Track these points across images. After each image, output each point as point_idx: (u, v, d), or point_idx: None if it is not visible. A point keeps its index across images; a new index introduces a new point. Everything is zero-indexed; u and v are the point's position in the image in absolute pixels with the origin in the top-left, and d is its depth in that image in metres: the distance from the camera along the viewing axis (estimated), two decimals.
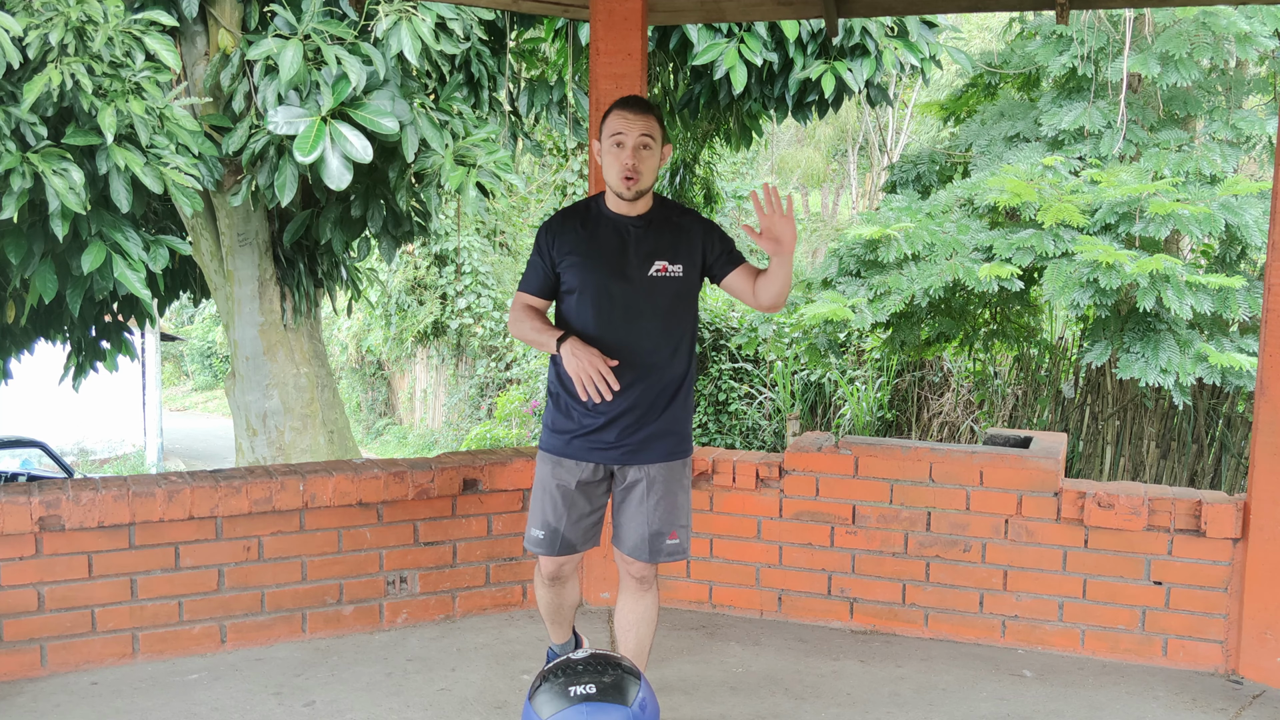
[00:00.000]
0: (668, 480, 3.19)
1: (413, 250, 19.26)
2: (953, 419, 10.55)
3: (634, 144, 3.04)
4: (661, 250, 3.13)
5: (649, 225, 3.16)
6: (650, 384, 3.13)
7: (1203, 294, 6.41)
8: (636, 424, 3.13)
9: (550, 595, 3.38)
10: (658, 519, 3.17)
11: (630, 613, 3.26)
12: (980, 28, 20.90)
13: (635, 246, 3.13)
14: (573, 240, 3.15)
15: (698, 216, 3.26)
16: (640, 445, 3.14)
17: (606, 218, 3.17)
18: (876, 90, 8.40)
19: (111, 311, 8.63)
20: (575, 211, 3.23)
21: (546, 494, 3.22)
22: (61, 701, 3.49)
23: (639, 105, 3.08)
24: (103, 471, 21.04)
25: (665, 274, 3.13)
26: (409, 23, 6.63)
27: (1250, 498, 3.80)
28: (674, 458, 3.20)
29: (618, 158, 3.05)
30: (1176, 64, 7.45)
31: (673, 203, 3.30)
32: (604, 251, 3.13)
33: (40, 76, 5.80)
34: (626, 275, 3.11)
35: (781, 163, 25.64)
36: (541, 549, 3.24)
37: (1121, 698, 3.66)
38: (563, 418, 3.19)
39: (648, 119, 3.06)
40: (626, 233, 3.15)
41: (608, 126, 3.08)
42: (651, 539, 3.17)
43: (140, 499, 3.71)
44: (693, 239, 3.18)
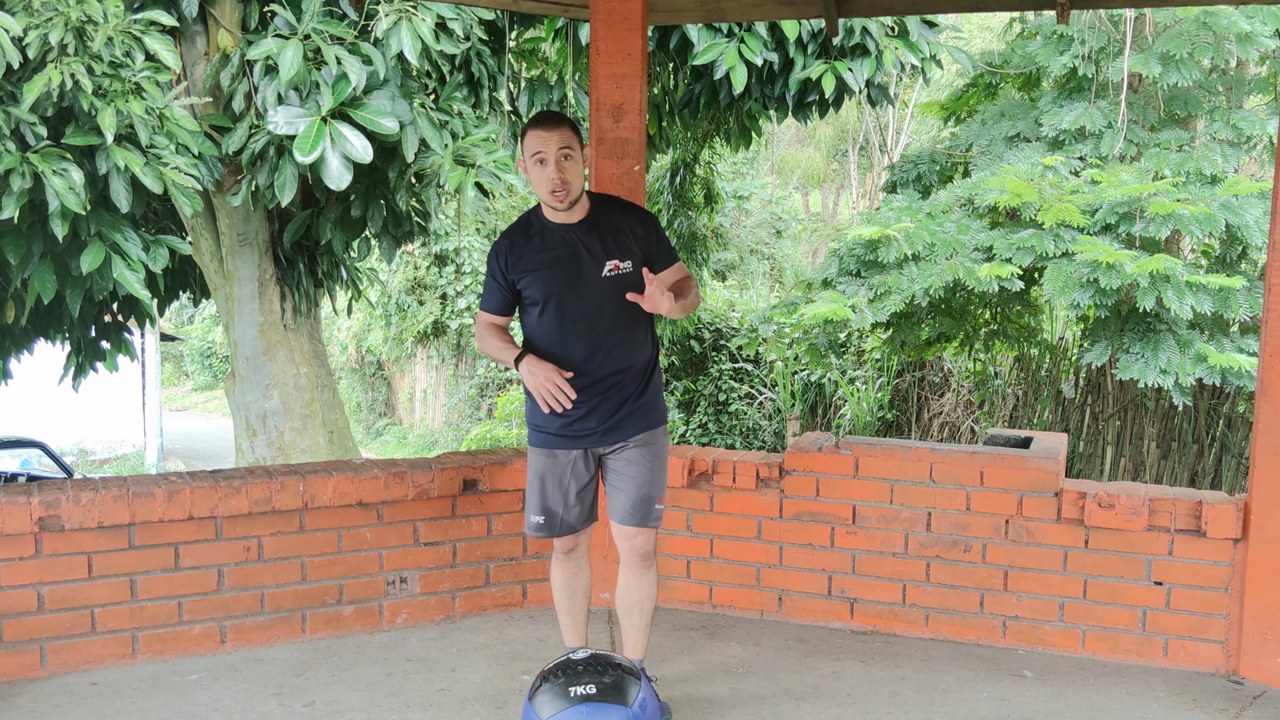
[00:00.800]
0: (651, 445, 3.40)
1: (413, 250, 19.25)
2: (953, 419, 10.55)
3: (555, 157, 3.18)
4: (611, 250, 3.30)
5: (592, 228, 3.32)
6: (622, 373, 3.34)
7: (1203, 294, 6.41)
8: (615, 409, 3.35)
9: (564, 573, 3.52)
10: (645, 482, 3.38)
11: (634, 590, 3.44)
12: (981, 27, 20.90)
13: (586, 251, 3.29)
14: (525, 257, 3.31)
15: (639, 212, 3.44)
16: (621, 422, 3.36)
17: (550, 229, 3.32)
18: (877, 90, 8.40)
19: (111, 311, 8.63)
20: (519, 228, 3.37)
21: (541, 481, 3.42)
22: (61, 702, 3.49)
23: (552, 120, 3.23)
24: (102, 472, 21.04)
25: (618, 272, 3.30)
26: (409, 22, 6.63)
27: (1251, 498, 3.79)
28: (653, 425, 3.42)
29: (543, 174, 3.20)
30: (1177, 64, 7.44)
31: (610, 199, 3.47)
32: (558, 261, 3.29)
33: (40, 76, 5.80)
34: (583, 280, 3.28)
35: (782, 163, 25.65)
36: (544, 533, 3.44)
37: (1122, 698, 3.66)
38: (544, 414, 3.34)
39: (563, 131, 3.20)
40: (574, 240, 3.30)
41: (527, 146, 3.21)
42: (642, 502, 3.37)
43: (140, 499, 3.71)
44: (636, 235, 3.34)
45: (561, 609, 3.57)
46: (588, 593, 3.58)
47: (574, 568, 3.52)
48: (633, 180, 4.32)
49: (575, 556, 3.52)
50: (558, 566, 3.53)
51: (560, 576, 3.54)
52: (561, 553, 3.50)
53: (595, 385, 3.31)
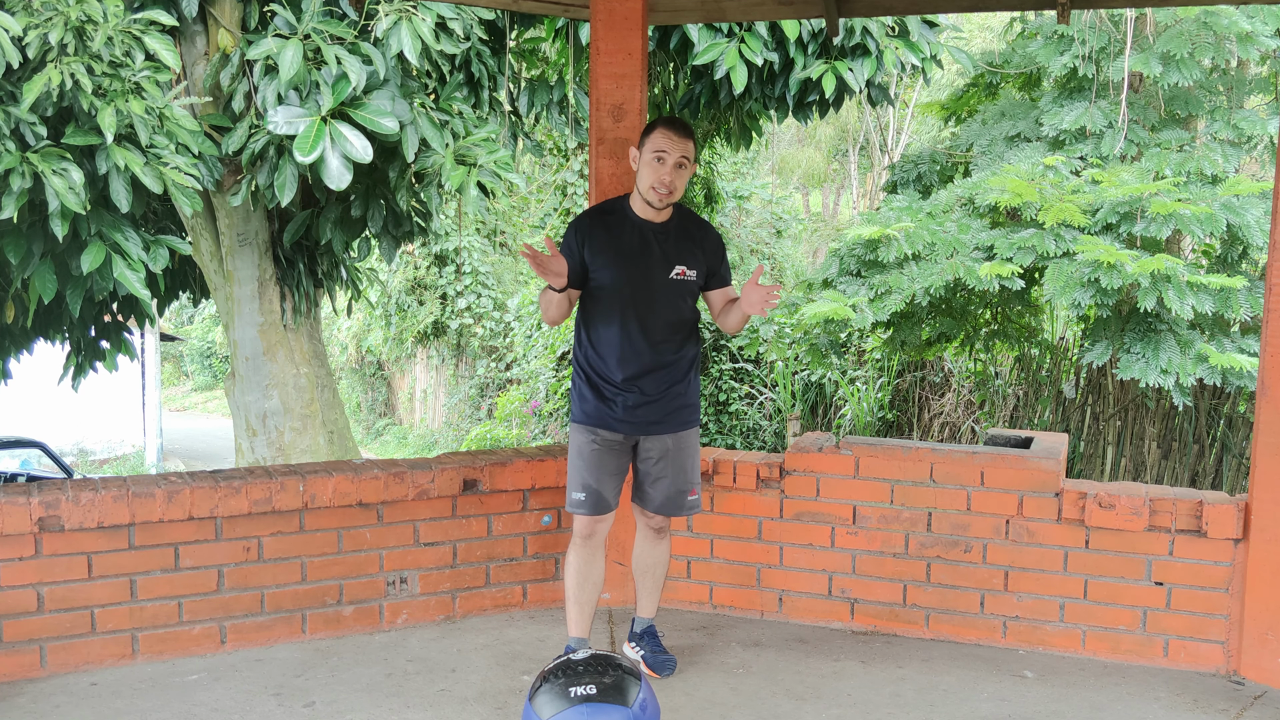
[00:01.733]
0: (685, 446, 3.69)
1: (413, 250, 19.25)
2: (954, 419, 10.55)
3: (674, 161, 3.44)
4: (681, 256, 3.57)
5: (670, 232, 3.58)
6: (667, 368, 3.61)
7: (1204, 294, 6.40)
8: (657, 402, 3.60)
9: (581, 560, 3.67)
10: (682, 479, 3.69)
11: (648, 555, 3.80)
12: (981, 27, 20.90)
13: (659, 250, 3.55)
14: (603, 240, 3.54)
15: (711, 231, 3.70)
16: (661, 418, 3.62)
17: (632, 221, 3.57)
18: (877, 90, 8.39)
19: (111, 311, 8.62)
20: (604, 212, 3.62)
21: (584, 459, 3.62)
22: (61, 702, 3.49)
23: (683, 128, 3.48)
24: (102, 472, 21.04)
25: (683, 277, 3.58)
26: (409, 22, 6.62)
27: (1251, 498, 3.79)
28: (689, 426, 3.70)
29: (656, 171, 3.45)
30: (1178, 64, 7.44)
31: (689, 212, 3.71)
32: (633, 253, 3.54)
33: (40, 76, 5.79)
34: (651, 276, 3.54)
35: (782, 163, 25.64)
36: (584, 509, 3.62)
37: (1123, 698, 3.66)
38: (593, 394, 3.60)
39: (688, 142, 3.46)
40: (651, 237, 3.56)
41: (651, 141, 3.46)
42: (675, 497, 3.70)
43: (140, 499, 3.70)
44: (705, 251, 3.63)
45: (571, 596, 3.69)
46: (599, 584, 3.72)
47: (591, 554, 3.67)
48: (633, 180, 4.31)
49: (594, 543, 3.67)
50: (575, 552, 3.68)
51: (576, 562, 3.67)
52: (581, 537, 3.65)
53: (645, 375, 3.56)
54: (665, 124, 3.48)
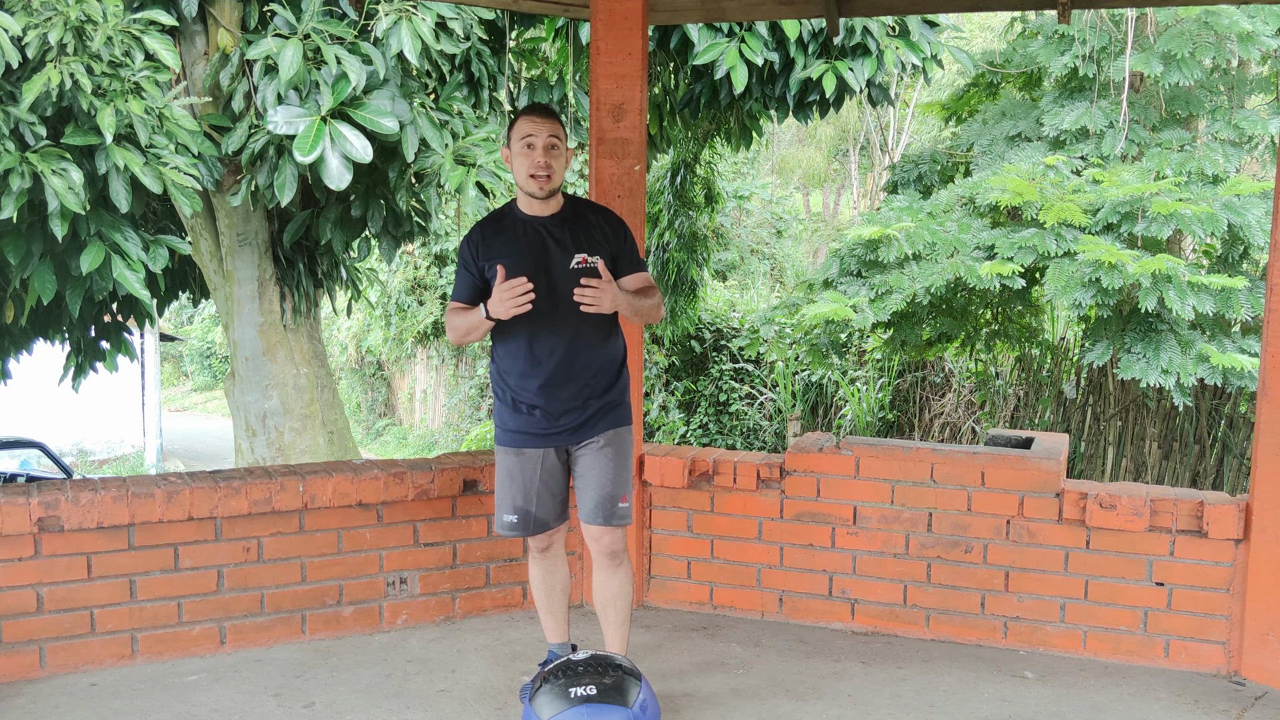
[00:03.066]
0: (616, 444, 3.42)
1: (413, 250, 19.23)
2: (954, 419, 10.55)
3: (543, 144, 3.27)
4: (579, 243, 3.35)
5: (563, 222, 3.37)
6: (591, 368, 3.37)
7: (1205, 294, 6.39)
8: (583, 405, 3.37)
9: (541, 571, 3.55)
10: (609, 481, 3.40)
11: (606, 589, 3.47)
12: (982, 27, 20.89)
13: (555, 243, 3.34)
14: (495, 245, 3.34)
15: (609, 213, 3.50)
16: (589, 420, 3.39)
17: (522, 221, 3.37)
18: (878, 90, 8.39)
19: (111, 312, 8.62)
20: (492, 219, 3.41)
21: (513, 480, 3.43)
22: (61, 703, 3.48)
23: (544, 110, 3.34)
24: (102, 472, 21.03)
25: (586, 265, 3.32)
26: (409, 22, 6.62)
27: (1252, 498, 3.78)
28: (620, 424, 3.45)
29: (528, 158, 3.27)
30: (1179, 63, 7.43)
31: (585, 200, 3.51)
32: (526, 251, 3.32)
33: (39, 76, 5.79)
34: (551, 271, 3.31)
35: (782, 163, 25.63)
36: (517, 531, 3.46)
37: (1123, 699, 3.65)
38: (511, 412, 3.40)
39: (553, 122, 3.30)
40: (545, 231, 3.35)
41: (517, 131, 3.29)
42: (605, 501, 3.39)
43: (139, 500, 3.70)
44: (605, 233, 3.40)
45: (541, 606, 3.60)
46: (566, 589, 3.61)
47: (550, 565, 3.55)
48: (633, 180, 4.31)
49: (551, 554, 3.54)
50: (534, 565, 3.56)
51: (538, 574, 3.56)
52: (537, 551, 3.53)
53: (563, 379, 3.33)
54: (524, 111, 3.33)
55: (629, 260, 3.42)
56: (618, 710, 3.00)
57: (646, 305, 3.38)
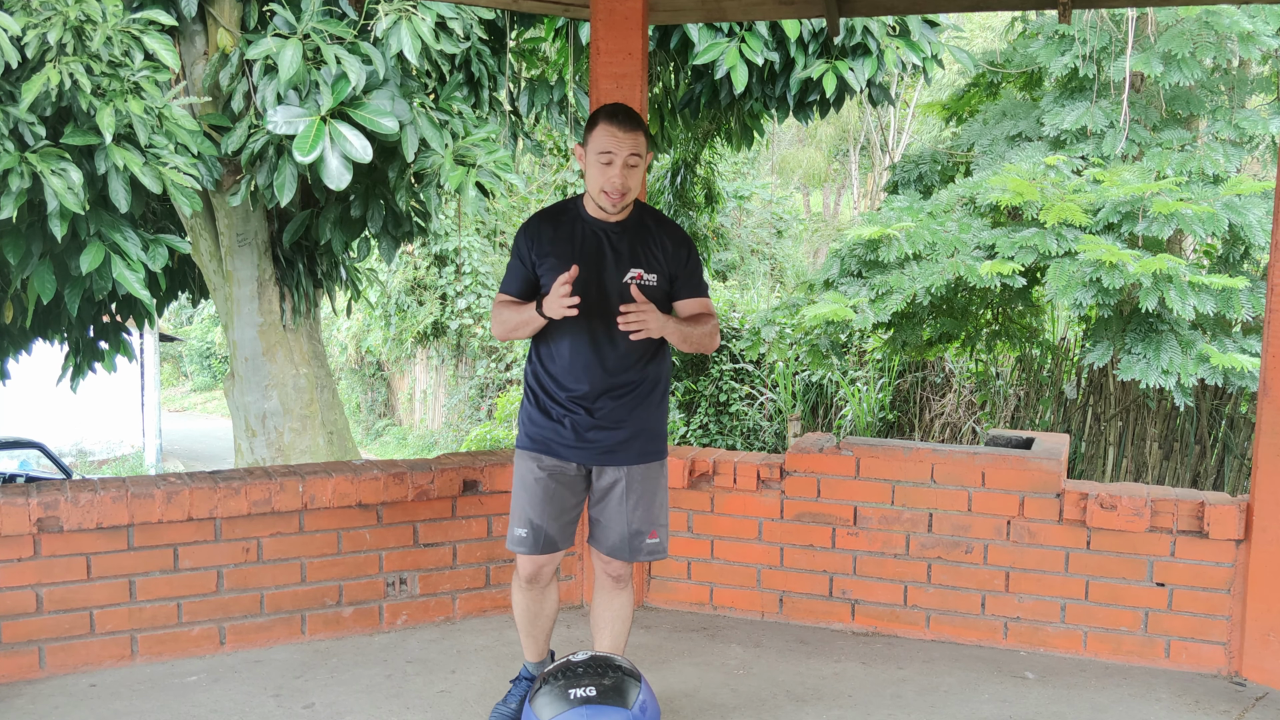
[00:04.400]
0: (645, 480, 3.22)
1: (412, 250, 19.23)
2: (954, 420, 10.54)
3: (624, 161, 3.05)
4: (638, 257, 3.15)
5: (626, 231, 3.17)
6: (627, 389, 3.17)
7: (1206, 294, 6.39)
8: (614, 424, 3.17)
9: (528, 601, 3.33)
10: (638, 519, 3.21)
11: (606, 610, 3.32)
12: (982, 27, 20.89)
13: (613, 252, 3.15)
14: (551, 242, 3.16)
15: (677, 231, 3.26)
16: (618, 445, 3.18)
17: (584, 221, 3.18)
18: (878, 90, 8.38)
19: (110, 312, 8.61)
20: (554, 213, 3.23)
21: (528, 491, 3.22)
22: (60, 703, 3.48)
23: (628, 120, 3.06)
24: (101, 473, 21.02)
25: (640, 280, 3.14)
26: (409, 22, 6.61)
27: (1253, 499, 3.78)
28: (651, 459, 3.24)
29: (604, 174, 3.05)
30: (1179, 63, 7.43)
31: (654, 212, 3.31)
32: (583, 255, 3.12)
33: (39, 76, 5.78)
34: (604, 279, 3.13)
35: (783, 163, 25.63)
36: (524, 548, 3.22)
37: (1124, 700, 3.65)
38: (541, 416, 3.21)
39: (636, 136, 3.05)
40: (605, 238, 3.16)
41: (595, 142, 3.05)
42: (631, 538, 3.22)
43: (139, 500, 3.69)
44: (667, 253, 3.19)
45: (523, 630, 3.40)
46: (552, 616, 3.40)
47: (539, 595, 3.32)
48: None
49: (538, 588, 3.30)
50: (521, 594, 3.32)
51: (524, 604, 3.34)
52: (525, 580, 3.28)
53: (600, 394, 3.15)
54: (608, 118, 3.05)
55: (688, 283, 3.21)
56: (617, 711, 3.00)
57: (698, 333, 3.15)
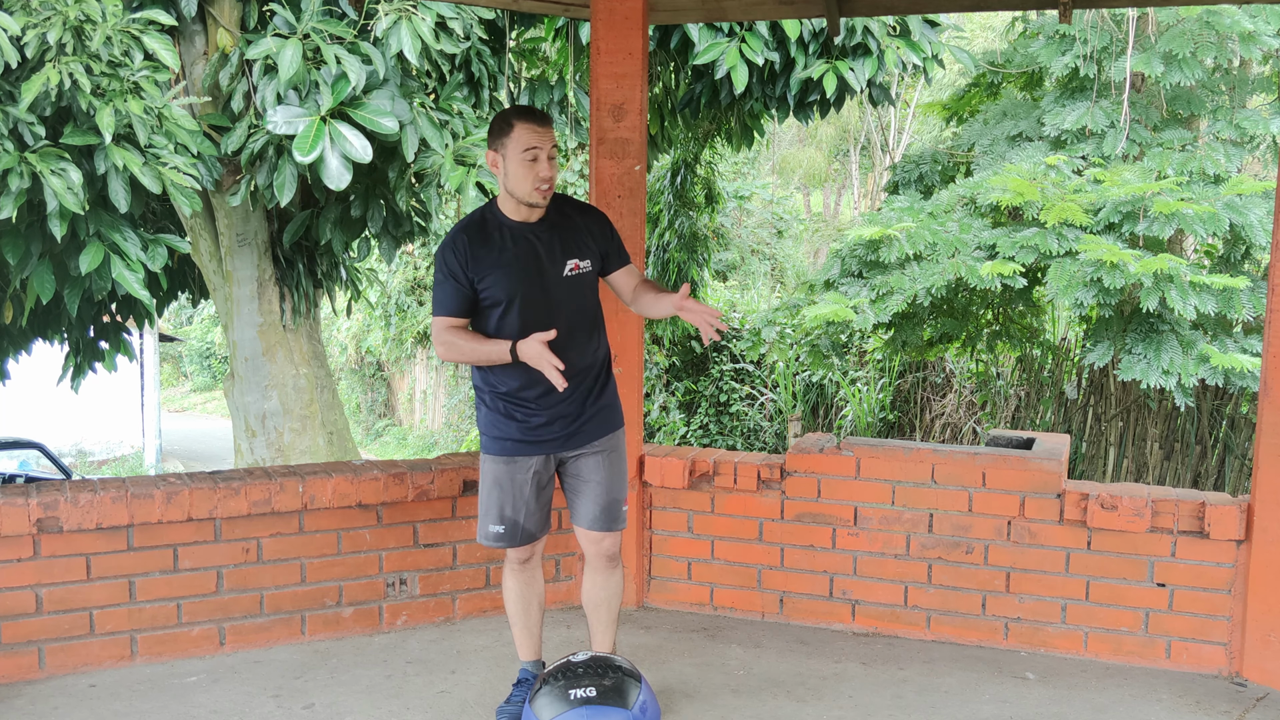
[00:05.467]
0: (614, 449, 3.40)
1: (412, 250, 19.22)
2: (955, 420, 10.54)
3: (547, 155, 3.16)
4: (570, 249, 3.26)
5: (552, 227, 3.26)
6: (584, 374, 3.31)
7: (1207, 294, 6.39)
8: (578, 412, 3.31)
9: (519, 583, 3.44)
10: (612, 486, 3.38)
11: (602, 589, 3.45)
12: (983, 27, 20.88)
13: (546, 250, 3.23)
14: (486, 255, 3.19)
15: (593, 211, 3.42)
16: (583, 427, 3.33)
17: (509, 227, 3.23)
18: (878, 90, 8.38)
19: (110, 312, 8.60)
20: (476, 226, 3.25)
21: (501, 490, 3.32)
22: (60, 704, 3.48)
23: (542, 116, 3.20)
24: (101, 473, 21.02)
25: (578, 271, 3.28)
26: (409, 22, 6.61)
27: (1254, 499, 3.77)
28: (615, 427, 3.41)
29: (532, 170, 3.14)
30: (1180, 63, 7.43)
31: (565, 198, 3.39)
32: (519, 260, 3.20)
33: (38, 76, 5.78)
34: (545, 279, 3.22)
35: (783, 163, 25.62)
36: (504, 543, 3.35)
37: (1125, 700, 3.64)
38: (504, 421, 3.30)
39: (550, 130, 3.19)
40: (535, 238, 3.23)
41: (518, 140, 3.13)
42: (609, 507, 3.37)
43: (138, 500, 3.69)
44: (593, 233, 3.33)
45: (516, 621, 3.47)
46: (542, 603, 3.50)
47: (529, 578, 3.45)
48: (633, 180, 4.30)
49: (530, 566, 3.45)
50: (512, 577, 3.44)
51: (515, 587, 3.44)
52: (517, 563, 3.42)
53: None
54: (523, 116, 3.15)
55: (618, 255, 3.37)
56: (618, 712, 3.00)
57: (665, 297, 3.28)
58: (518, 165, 3.14)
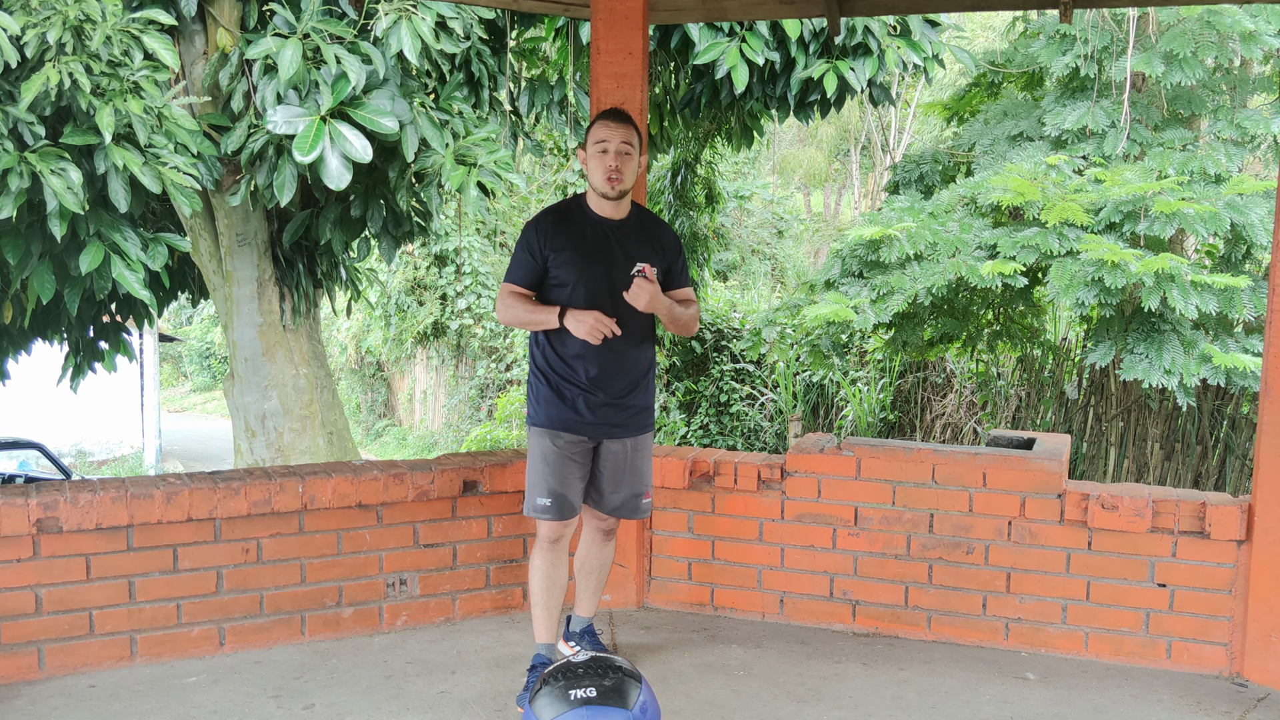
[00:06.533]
0: (642, 448, 3.68)
1: (412, 250, 19.22)
2: (956, 420, 10.53)
3: (616, 149, 3.46)
4: (643, 253, 3.56)
5: (629, 228, 3.58)
6: (630, 367, 3.58)
7: (1208, 294, 6.38)
8: (620, 403, 3.58)
9: (548, 564, 3.60)
10: (639, 482, 3.68)
11: (595, 557, 3.78)
12: (983, 26, 20.88)
13: (619, 246, 3.54)
14: (564, 237, 3.51)
15: (669, 230, 3.74)
16: (623, 421, 3.60)
17: (591, 218, 3.56)
18: (879, 90, 8.37)
19: (110, 312, 8.60)
20: (562, 210, 3.59)
21: (549, 464, 3.55)
22: (59, 704, 3.47)
23: (621, 116, 3.52)
24: (101, 473, 21.02)
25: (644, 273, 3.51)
26: (409, 21, 6.60)
27: (1255, 499, 3.77)
28: (646, 429, 3.69)
29: (602, 162, 3.47)
30: (1181, 63, 7.42)
31: (649, 212, 3.72)
32: (593, 248, 3.51)
33: (38, 75, 5.77)
34: (613, 271, 3.50)
35: (783, 162, 25.62)
36: (550, 514, 3.56)
37: (1125, 701, 3.64)
38: (555, 396, 3.55)
39: (628, 128, 3.50)
40: (611, 233, 3.54)
41: (593, 135, 3.50)
42: (632, 500, 3.68)
43: (138, 501, 3.69)
44: (664, 249, 3.63)
45: (538, 600, 3.61)
46: (564, 587, 3.66)
47: (557, 558, 3.62)
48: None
49: (560, 547, 3.62)
50: (540, 556, 3.61)
51: (542, 566, 3.60)
52: (548, 541, 3.59)
53: (608, 376, 3.52)
54: (604, 115, 3.52)
55: (678, 276, 3.65)
56: (618, 712, 2.99)
57: (684, 315, 3.60)
58: (591, 157, 3.49)
